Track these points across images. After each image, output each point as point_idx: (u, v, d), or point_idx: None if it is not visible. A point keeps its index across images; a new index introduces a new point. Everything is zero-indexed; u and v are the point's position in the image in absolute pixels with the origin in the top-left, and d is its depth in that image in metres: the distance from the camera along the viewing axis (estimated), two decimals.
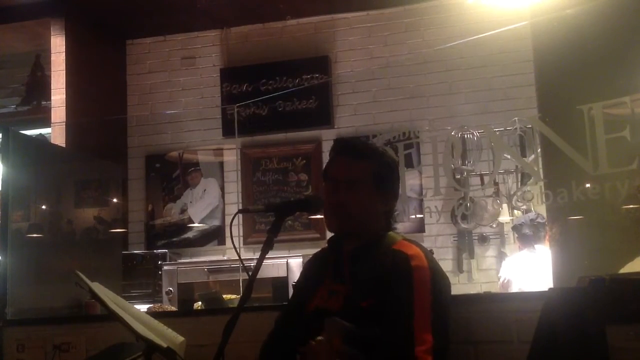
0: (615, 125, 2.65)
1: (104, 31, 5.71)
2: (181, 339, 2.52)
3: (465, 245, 5.15)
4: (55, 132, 5.09)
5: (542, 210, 4.01)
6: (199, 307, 4.11)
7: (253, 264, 1.95)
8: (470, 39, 4.59)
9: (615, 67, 2.82)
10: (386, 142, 3.20)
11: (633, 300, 1.70)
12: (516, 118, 3.10)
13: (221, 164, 5.76)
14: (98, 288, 2.49)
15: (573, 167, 2.65)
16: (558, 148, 2.67)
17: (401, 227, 2.26)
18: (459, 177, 4.05)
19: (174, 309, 4.41)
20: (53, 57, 5.19)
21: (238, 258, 2.13)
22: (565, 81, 2.90)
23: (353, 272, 2.08)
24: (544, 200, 2.78)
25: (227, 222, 5.56)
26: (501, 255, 5.05)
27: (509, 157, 3.13)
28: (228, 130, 5.63)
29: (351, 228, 2.12)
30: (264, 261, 1.92)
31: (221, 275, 5.00)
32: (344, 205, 2.08)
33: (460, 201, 3.25)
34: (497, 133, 3.11)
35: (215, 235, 5.67)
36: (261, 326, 2.25)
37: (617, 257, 2.65)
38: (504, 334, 2.28)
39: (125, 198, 5.41)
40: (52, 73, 5.20)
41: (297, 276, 4.59)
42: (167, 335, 2.49)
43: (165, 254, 5.31)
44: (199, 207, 5.73)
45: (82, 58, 5.33)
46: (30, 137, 4.79)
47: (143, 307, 3.67)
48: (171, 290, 4.97)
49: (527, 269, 4.32)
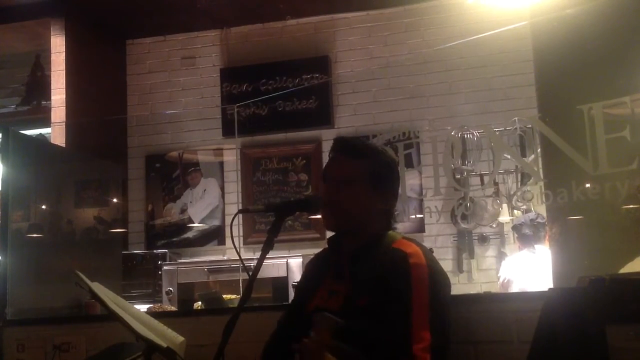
0: (615, 125, 2.65)
1: (104, 31, 5.71)
2: (181, 339, 2.52)
3: (465, 245, 5.15)
4: (55, 132, 5.09)
5: (542, 210, 4.01)
6: (199, 307, 4.11)
7: (253, 264, 1.94)
8: (470, 39, 4.59)
9: (615, 67, 2.82)
10: (386, 142, 3.20)
11: (633, 300, 1.69)
12: (516, 118, 3.10)
13: (221, 164, 5.76)
14: (98, 288, 2.49)
15: (573, 167, 2.65)
16: (558, 148, 2.67)
17: (401, 227, 2.25)
18: (459, 177, 4.05)
19: (174, 309, 4.41)
20: (53, 57, 5.20)
21: (238, 258, 2.13)
22: (565, 81, 2.90)
23: (353, 271, 2.07)
24: (544, 200, 2.78)
25: (227, 222, 5.56)
26: (501, 255, 5.05)
27: (509, 157, 3.12)
28: (228, 130, 5.63)
29: (349, 227, 2.11)
30: (264, 261, 1.92)
31: (221, 275, 5.00)
32: (341, 203, 2.08)
33: (460, 201, 3.25)
34: (497, 133, 3.11)
35: (215, 235, 5.67)
36: (261, 326, 2.25)
37: (617, 257, 2.65)
38: (504, 334, 2.27)
39: (125, 198, 5.41)
40: (52, 73, 5.20)
41: (297, 276, 4.67)
42: (167, 335, 2.49)
43: (165, 254, 5.31)
44: (199, 207, 5.73)
45: (82, 58, 5.33)
46: (30, 137, 4.79)
47: (143, 307, 3.67)
48: (171, 290, 4.97)
49: (527, 269, 4.32)
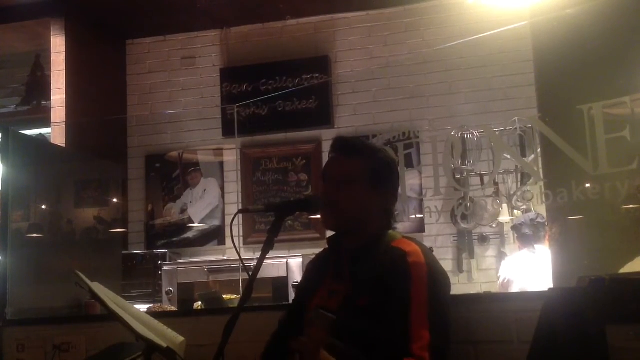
0: (615, 125, 2.65)
1: (104, 31, 5.71)
2: (181, 339, 2.52)
3: (465, 245, 5.15)
4: (55, 132, 5.09)
5: (542, 210, 4.01)
6: (199, 307, 4.11)
7: (253, 264, 1.94)
8: (470, 39, 4.59)
9: (615, 67, 2.81)
10: (386, 142, 3.20)
11: (633, 300, 1.69)
12: (516, 118, 3.09)
13: (221, 164, 5.76)
14: (98, 288, 2.49)
15: (573, 167, 2.65)
16: (558, 148, 2.66)
17: (401, 227, 2.24)
18: (459, 177, 4.05)
19: (174, 309, 4.41)
20: (53, 57, 5.20)
21: (238, 258, 2.13)
22: (565, 81, 2.90)
23: (353, 271, 2.07)
24: (544, 200, 2.78)
25: (227, 222, 5.56)
26: (501, 255, 5.05)
27: (509, 157, 3.12)
28: (228, 130, 5.63)
29: (348, 226, 2.11)
30: (264, 261, 1.92)
31: (221, 275, 5.00)
32: (340, 203, 2.07)
33: (460, 201, 3.24)
34: (497, 133, 3.11)
35: (215, 235, 5.67)
36: (261, 326, 2.25)
37: (617, 257, 2.65)
38: (504, 334, 2.27)
39: (125, 198, 5.41)
40: (52, 73, 5.20)
41: (297, 276, 4.68)
42: (167, 335, 2.49)
43: (165, 254, 5.31)
44: (199, 207, 5.73)
45: (82, 58, 5.33)
46: (30, 137, 4.79)
47: (143, 307, 3.67)
48: (171, 290, 4.97)
49: (527, 269, 4.32)
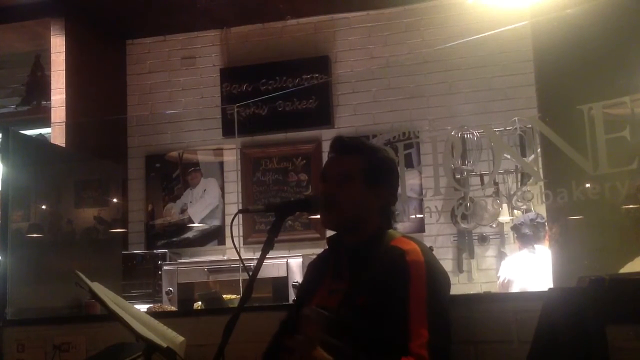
0: (615, 125, 2.65)
1: (104, 31, 5.71)
2: (181, 339, 2.52)
3: (465, 245, 5.15)
4: (55, 132, 5.09)
5: (542, 210, 4.01)
6: (199, 307, 4.11)
7: (253, 264, 1.94)
8: (470, 39, 4.59)
9: (615, 67, 2.81)
10: (386, 142, 3.20)
11: (633, 300, 1.69)
12: (516, 118, 3.09)
13: (221, 164, 5.76)
14: (98, 288, 2.49)
15: (573, 167, 2.65)
16: (558, 148, 2.66)
17: (401, 227, 2.24)
18: (459, 177, 4.05)
19: (174, 309, 4.41)
20: (53, 57, 5.20)
21: (238, 258, 2.13)
22: (565, 81, 2.90)
23: (352, 271, 2.07)
24: (544, 200, 2.78)
25: (227, 222, 5.56)
26: (501, 255, 5.05)
27: (509, 157, 3.12)
28: (228, 130, 5.63)
29: (346, 225, 2.11)
30: (264, 261, 1.92)
31: (221, 275, 5.00)
32: (338, 202, 2.07)
33: (460, 201, 3.24)
34: (497, 133, 3.11)
35: (215, 235, 5.67)
36: (261, 326, 2.24)
37: (617, 257, 2.65)
38: (504, 334, 2.27)
39: (125, 198, 5.41)
40: (52, 73, 5.20)
41: (297, 276, 4.68)
42: (167, 335, 2.49)
43: (165, 254, 5.31)
44: (199, 207, 5.73)
45: (82, 58, 5.33)
46: (30, 137, 4.79)
47: (143, 307, 3.67)
48: (171, 290, 4.97)
49: (527, 269, 4.32)
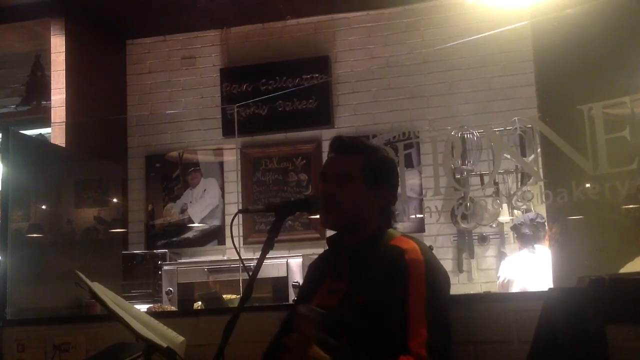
0: (615, 125, 2.65)
1: (104, 31, 5.71)
2: (181, 339, 2.52)
3: (465, 245, 5.15)
4: (55, 132, 5.09)
5: (542, 210, 4.01)
6: (199, 307, 4.11)
7: (253, 264, 1.94)
8: (470, 39, 4.59)
9: (615, 67, 2.81)
10: (386, 142, 3.19)
11: (633, 300, 1.69)
12: (516, 118, 3.09)
13: (221, 164, 5.76)
14: (98, 288, 2.49)
15: (573, 167, 2.65)
16: (558, 148, 2.66)
17: (401, 227, 2.24)
18: (459, 177, 4.05)
19: (174, 309, 4.41)
20: (53, 57, 5.20)
21: (238, 258, 2.13)
22: (565, 81, 2.90)
23: (352, 270, 2.07)
24: (544, 200, 2.78)
25: (227, 222, 5.56)
26: (501, 255, 5.06)
27: (509, 157, 3.12)
28: (228, 130, 5.64)
29: (346, 224, 2.11)
30: (264, 261, 1.92)
31: (221, 275, 5.00)
32: (338, 201, 2.07)
33: (460, 201, 3.24)
34: (497, 133, 3.11)
35: (215, 235, 5.67)
36: (261, 326, 2.24)
37: (617, 257, 2.65)
38: (504, 334, 2.27)
39: (125, 198, 5.41)
40: (52, 73, 5.20)
41: (297, 276, 4.68)
42: (167, 335, 2.49)
43: (165, 254, 5.31)
44: (199, 207, 5.73)
45: (82, 58, 5.34)
46: (30, 137, 4.79)
47: (143, 307, 3.67)
48: (171, 290, 4.97)
49: (527, 269, 4.32)
